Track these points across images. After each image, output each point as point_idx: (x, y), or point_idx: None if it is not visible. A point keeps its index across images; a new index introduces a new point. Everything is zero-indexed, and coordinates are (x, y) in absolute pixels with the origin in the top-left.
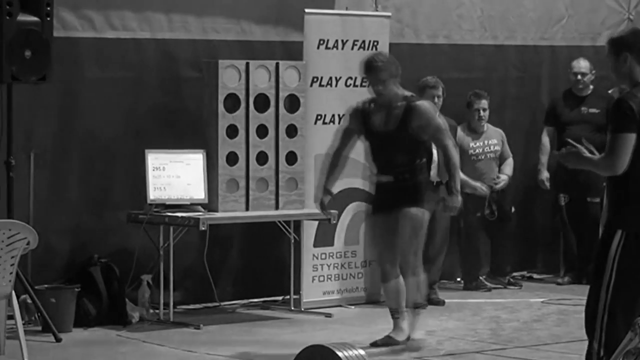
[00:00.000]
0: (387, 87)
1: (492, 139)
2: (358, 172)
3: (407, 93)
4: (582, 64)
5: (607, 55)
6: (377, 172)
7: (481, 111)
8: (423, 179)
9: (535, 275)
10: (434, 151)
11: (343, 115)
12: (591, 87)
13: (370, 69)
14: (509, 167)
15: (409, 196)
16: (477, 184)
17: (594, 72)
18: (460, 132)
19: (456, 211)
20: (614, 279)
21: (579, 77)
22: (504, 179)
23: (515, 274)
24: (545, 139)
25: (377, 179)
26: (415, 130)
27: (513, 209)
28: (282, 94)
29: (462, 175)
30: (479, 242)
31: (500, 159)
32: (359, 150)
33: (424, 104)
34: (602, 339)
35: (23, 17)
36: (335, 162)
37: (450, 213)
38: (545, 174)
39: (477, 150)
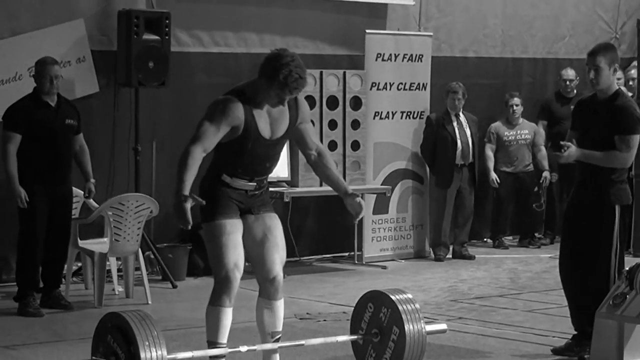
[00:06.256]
0: None
1: (524, 130)
2: (405, 155)
3: None
4: (569, 73)
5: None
6: (236, 177)
7: (514, 107)
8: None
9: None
10: (458, 138)
11: (395, 112)
12: (575, 90)
13: (303, 86)
14: (545, 161)
15: (267, 201)
16: (493, 177)
17: (578, 78)
18: (497, 124)
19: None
20: (619, 245)
21: (568, 82)
22: (546, 175)
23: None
24: (541, 130)
25: (235, 184)
26: (297, 128)
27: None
28: (348, 96)
29: (489, 164)
30: (506, 211)
31: (532, 147)
32: (403, 136)
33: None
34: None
35: (147, 36)
36: (197, 163)
37: (357, 217)
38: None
39: (509, 138)
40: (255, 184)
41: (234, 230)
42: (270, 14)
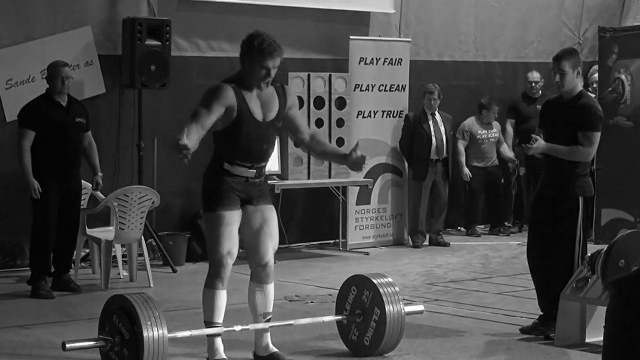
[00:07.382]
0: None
1: (494, 129)
2: (386, 151)
3: None
4: (535, 75)
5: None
6: (237, 164)
7: (496, 114)
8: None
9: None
10: (433, 136)
11: (377, 111)
12: (540, 91)
13: (279, 52)
14: (509, 150)
15: (266, 193)
16: (466, 172)
17: (543, 80)
18: (471, 122)
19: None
20: (582, 234)
21: (533, 84)
22: (514, 161)
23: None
24: (510, 129)
25: (236, 171)
26: (288, 115)
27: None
28: (334, 97)
29: (462, 159)
30: (478, 202)
31: (497, 143)
32: (384, 133)
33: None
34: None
35: (150, 42)
36: (194, 135)
37: (358, 170)
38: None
39: (482, 137)
40: (255, 171)
41: (232, 222)
42: (261, 22)
